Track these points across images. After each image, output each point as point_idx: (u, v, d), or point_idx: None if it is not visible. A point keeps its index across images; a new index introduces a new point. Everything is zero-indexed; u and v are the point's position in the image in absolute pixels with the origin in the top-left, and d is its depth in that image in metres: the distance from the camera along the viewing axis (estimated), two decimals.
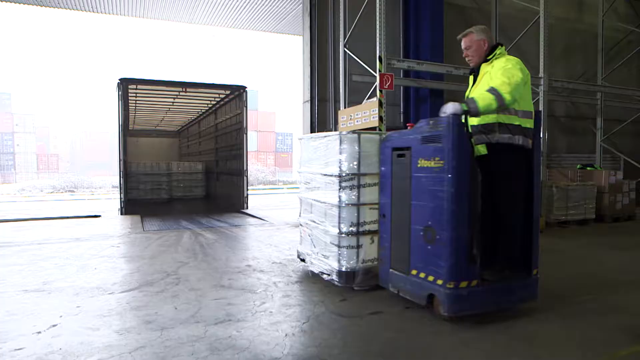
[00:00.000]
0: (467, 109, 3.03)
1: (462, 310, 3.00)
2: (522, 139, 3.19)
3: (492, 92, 3.05)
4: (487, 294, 3.08)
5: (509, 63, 3.22)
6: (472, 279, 3.00)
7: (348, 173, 3.76)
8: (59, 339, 2.79)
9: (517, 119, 3.19)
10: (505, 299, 3.19)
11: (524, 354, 2.62)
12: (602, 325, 3.06)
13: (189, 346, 2.68)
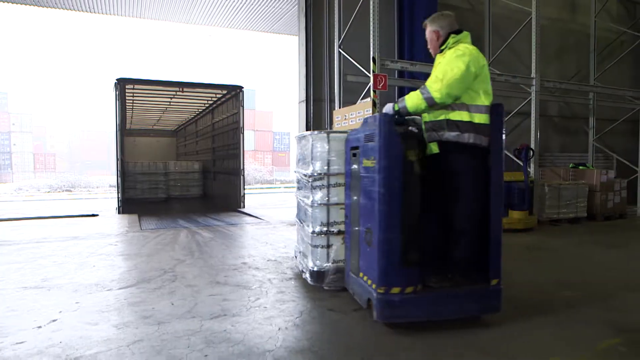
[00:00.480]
0: (397, 109, 3.00)
1: (392, 317, 2.88)
2: (472, 137, 2.94)
3: (422, 91, 2.95)
4: (426, 303, 2.89)
5: (453, 54, 2.97)
6: (406, 284, 2.83)
7: (319, 173, 3.74)
8: (59, 333, 2.88)
9: (467, 115, 2.95)
10: (452, 310, 2.93)
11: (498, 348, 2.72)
12: (585, 319, 3.16)
13: (185, 340, 2.77)
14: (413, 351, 2.63)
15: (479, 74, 2.96)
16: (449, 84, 2.87)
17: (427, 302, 2.90)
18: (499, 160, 2.96)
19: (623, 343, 2.73)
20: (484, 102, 2.97)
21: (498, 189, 2.96)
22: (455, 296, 2.93)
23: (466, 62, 2.90)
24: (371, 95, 6.10)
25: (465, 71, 2.88)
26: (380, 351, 2.64)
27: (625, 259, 5.30)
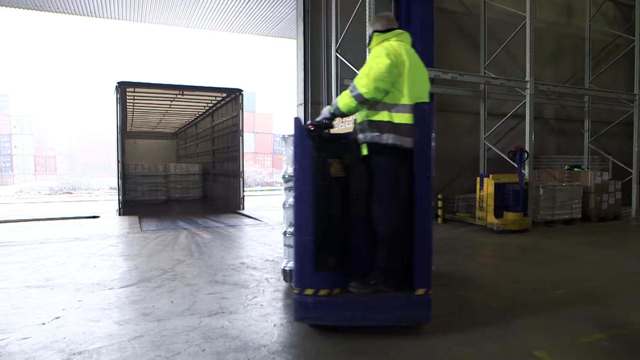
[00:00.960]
0: (332, 112, 2.99)
1: (305, 318, 2.89)
2: (392, 138, 2.85)
3: (351, 89, 2.89)
4: (342, 307, 2.84)
5: (377, 51, 2.91)
6: (320, 287, 2.83)
7: (290, 174, 3.69)
8: (63, 329, 2.98)
9: (387, 115, 2.87)
10: (370, 316, 2.84)
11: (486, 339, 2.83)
12: (571, 315, 3.27)
13: (184, 335, 2.88)
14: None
15: (402, 71, 2.87)
16: (375, 78, 2.81)
17: (343, 307, 2.85)
18: (424, 162, 2.80)
19: (606, 338, 2.83)
20: (407, 101, 2.86)
21: (423, 193, 2.80)
22: (376, 303, 2.84)
23: (389, 57, 2.84)
24: None
25: (390, 64, 2.81)
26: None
27: (616, 259, 5.40)
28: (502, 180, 7.44)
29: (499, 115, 9.16)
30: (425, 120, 2.80)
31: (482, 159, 9.27)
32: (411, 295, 2.83)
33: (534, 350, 2.64)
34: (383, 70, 2.80)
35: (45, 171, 53.08)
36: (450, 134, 9.34)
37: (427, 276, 2.82)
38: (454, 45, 9.38)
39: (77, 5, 10.28)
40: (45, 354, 2.58)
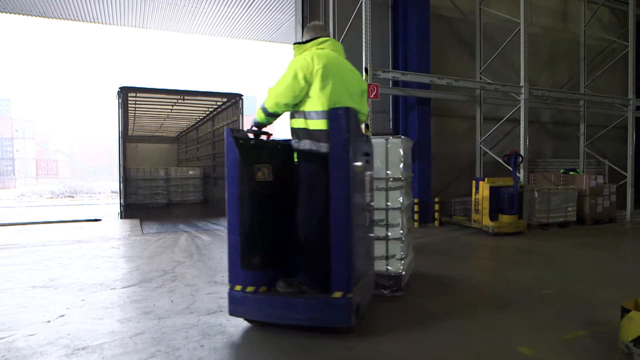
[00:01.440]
0: (255, 121, 3.17)
1: (235, 312, 3.06)
2: (308, 143, 2.96)
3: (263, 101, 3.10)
4: (267, 304, 2.97)
5: (288, 66, 3.02)
6: (247, 284, 2.99)
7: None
8: (67, 326, 3.11)
9: (302, 122, 2.99)
10: (290, 315, 2.91)
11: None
12: (557, 314, 3.39)
13: (183, 332, 3.00)
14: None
15: (311, 81, 2.94)
16: (277, 94, 2.98)
17: (267, 304, 2.96)
18: (339, 167, 2.80)
19: (588, 335, 2.94)
20: (322, 107, 2.93)
21: (338, 198, 2.80)
22: (295, 303, 2.91)
23: (294, 71, 2.93)
24: None
25: (291, 81, 2.92)
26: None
27: (608, 261, 5.51)
28: (497, 183, 7.56)
29: (495, 119, 9.30)
30: (339, 125, 2.79)
31: (478, 162, 9.40)
32: (328, 298, 2.83)
33: (517, 346, 2.76)
34: (283, 87, 2.96)
35: (46, 175, 53.33)
36: (447, 138, 9.48)
37: (345, 279, 2.79)
38: (451, 50, 9.53)
39: (80, 12, 10.46)
40: (51, 349, 2.71)
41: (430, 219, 8.54)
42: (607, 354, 2.62)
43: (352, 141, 2.80)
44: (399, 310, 3.48)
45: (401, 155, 3.92)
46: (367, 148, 3.28)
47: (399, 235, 3.91)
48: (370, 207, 3.40)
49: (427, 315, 3.36)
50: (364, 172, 3.16)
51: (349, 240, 2.80)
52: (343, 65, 3.15)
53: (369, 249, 3.39)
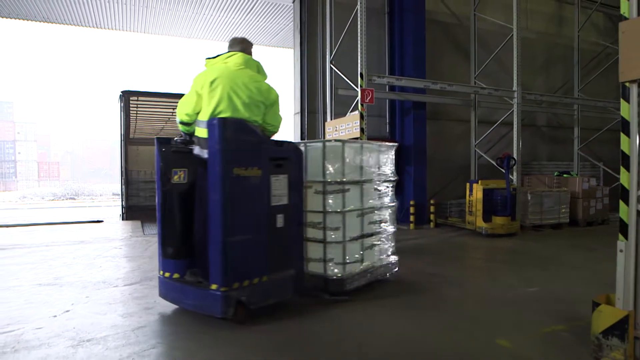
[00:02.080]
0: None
1: (161, 294, 3.58)
2: (197, 149, 3.37)
3: None
4: (176, 290, 3.42)
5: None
6: (165, 270, 3.53)
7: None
8: (72, 321, 3.28)
9: (196, 130, 3.42)
10: (183, 301, 3.38)
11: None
12: (538, 309, 3.55)
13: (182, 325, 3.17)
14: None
15: (201, 93, 3.32)
16: (180, 105, 3.44)
17: (174, 290, 3.45)
18: (213, 171, 3.10)
19: (566, 329, 3.11)
20: (203, 118, 3.30)
21: (213, 199, 3.10)
22: (186, 291, 3.34)
23: (192, 84, 3.39)
24: (359, 108, 6.52)
25: (188, 94, 3.39)
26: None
27: (595, 261, 5.66)
28: (491, 186, 7.73)
29: (491, 122, 9.47)
30: (213, 134, 3.09)
31: (473, 165, 9.56)
32: (207, 289, 3.14)
33: (497, 339, 2.93)
34: (183, 100, 3.43)
35: (48, 177, 53.56)
36: (444, 141, 9.65)
37: (220, 274, 3.06)
38: (447, 55, 9.71)
39: (84, 17, 10.67)
40: (58, 341, 2.88)
41: (426, 220, 8.70)
42: (580, 346, 2.79)
43: (230, 148, 3.09)
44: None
45: (343, 159, 3.90)
46: (280, 153, 3.48)
47: (339, 239, 3.88)
48: (288, 209, 3.50)
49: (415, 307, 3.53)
50: (267, 176, 3.33)
51: (223, 240, 3.06)
52: (237, 79, 3.35)
53: (280, 250, 3.44)
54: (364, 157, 4.17)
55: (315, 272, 3.94)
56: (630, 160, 2.61)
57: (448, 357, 2.68)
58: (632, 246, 2.64)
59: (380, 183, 4.38)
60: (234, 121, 3.22)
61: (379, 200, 4.36)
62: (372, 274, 4.21)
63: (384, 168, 4.45)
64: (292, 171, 3.55)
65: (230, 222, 3.09)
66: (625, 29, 2.51)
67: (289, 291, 3.56)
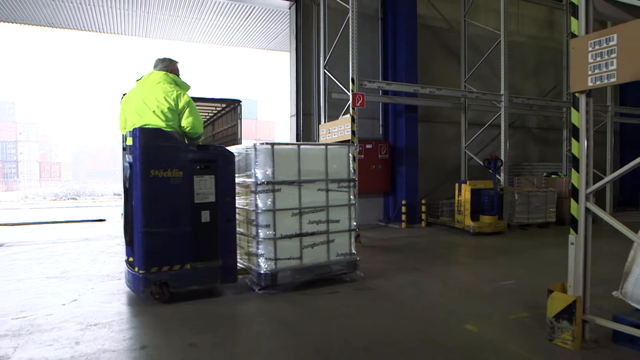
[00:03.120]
0: None
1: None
2: (126, 156, 3.98)
3: None
4: (126, 272, 4.06)
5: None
6: (127, 256, 4.11)
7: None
8: (80, 308, 3.59)
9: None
10: (127, 282, 4.03)
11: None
12: (508, 299, 3.85)
13: (180, 313, 3.48)
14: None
15: (125, 109, 4.06)
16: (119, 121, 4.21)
17: (126, 271, 4.06)
18: (135, 173, 3.66)
19: (529, 316, 3.41)
20: (130, 129, 3.91)
21: (135, 196, 3.68)
22: (128, 273, 3.97)
23: (120, 103, 4.24)
24: (350, 111, 6.83)
25: (118, 113, 4.19)
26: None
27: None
28: (479, 186, 8.03)
29: (481, 125, 9.76)
30: (134, 141, 3.65)
31: (463, 166, 9.86)
32: (134, 271, 3.74)
33: (466, 324, 3.23)
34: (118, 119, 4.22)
35: (50, 177, 53.87)
36: (435, 143, 9.95)
37: (141, 259, 3.62)
38: (439, 59, 10.01)
39: (87, 22, 10.99)
40: (68, 325, 3.18)
41: (417, 219, 8.99)
42: (538, 330, 3.09)
43: (146, 153, 3.59)
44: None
45: (272, 161, 4.09)
46: (205, 157, 3.89)
47: (269, 235, 4.09)
48: (215, 206, 3.89)
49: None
50: (190, 177, 3.77)
51: (142, 231, 3.60)
52: (150, 93, 3.89)
53: (207, 242, 3.85)
54: (303, 159, 4.29)
55: (247, 265, 4.31)
56: (580, 162, 2.90)
57: (418, 341, 2.98)
58: (581, 239, 2.95)
59: (330, 183, 4.45)
60: (150, 130, 3.75)
61: (326, 200, 4.43)
62: (321, 271, 4.37)
63: (335, 168, 4.49)
64: (221, 173, 3.94)
65: (147, 216, 3.61)
66: (575, 46, 2.81)
67: (216, 280, 3.92)
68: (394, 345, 2.85)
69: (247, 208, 4.27)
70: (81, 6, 9.95)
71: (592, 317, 2.84)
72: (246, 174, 4.28)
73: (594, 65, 2.71)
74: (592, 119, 2.90)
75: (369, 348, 2.80)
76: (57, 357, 2.64)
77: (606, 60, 2.63)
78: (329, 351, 2.75)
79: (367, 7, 9.28)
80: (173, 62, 4.22)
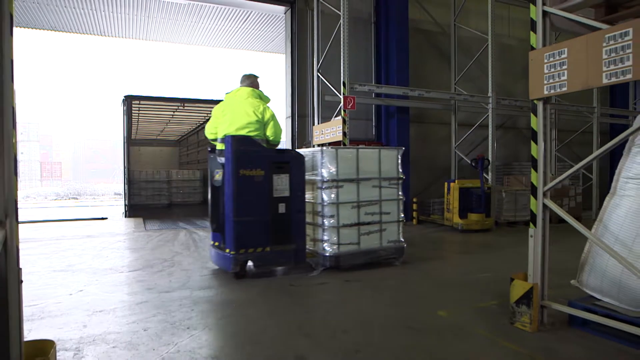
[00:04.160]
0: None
1: (211, 258, 5.06)
2: (219, 158, 4.68)
3: None
4: (214, 254, 4.88)
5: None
6: (214, 240, 4.89)
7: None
8: (86, 297, 3.90)
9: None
10: (217, 262, 4.85)
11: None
12: (480, 289, 4.16)
13: (178, 302, 3.79)
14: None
15: (217, 119, 4.87)
16: (206, 127, 5.08)
17: (215, 254, 4.89)
18: (227, 172, 4.46)
19: (497, 304, 3.72)
20: (221, 136, 4.75)
21: (227, 191, 4.47)
22: (216, 254, 4.83)
23: (212, 113, 5.03)
24: (342, 114, 7.14)
25: (211, 119, 5.00)
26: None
27: (551, 252, 6.26)
28: (467, 185, 8.34)
29: (472, 125, 10.07)
30: (226, 147, 4.45)
31: (453, 166, 10.17)
32: (225, 252, 4.53)
33: (438, 311, 3.54)
34: (207, 125, 5.07)
35: (50, 177, 54.19)
36: (428, 143, 10.26)
37: (231, 242, 4.41)
38: (431, 62, 10.32)
39: (88, 26, 11.31)
40: (76, 312, 3.50)
41: (409, 217, 9.30)
42: (503, 315, 3.40)
43: (236, 156, 4.36)
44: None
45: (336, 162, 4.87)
46: (281, 159, 4.70)
47: (333, 224, 4.85)
48: (289, 200, 4.66)
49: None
50: (270, 175, 4.55)
51: (233, 220, 4.38)
52: (240, 107, 4.71)
53: (282, 230, 4.63)
54: (361, 160, 5.03)
55: (313, 250, 5.09)
56: (538, 162, 3.21)
57: (393, 324, 3.29)
58: (539, 232, 3.26)
59: (382, 180, 5.18)
60: (240, 137, 4.51)
61: (379, 195, 5.18)
62: (374, 255, 5.12)
63: (386, 168, 5.22)
64: (294, 172, 4.71)
65: (237, 207, 4.38)
66: (533, 57, 3.12)
67: (290, 261, 4.72)
68: (368, 325, 3.16)
69: (313, 201, 5.08)
70: (83, 11, 10.27)
71: (549, 302, 3.15)
72: (313, 172, 5.09)
73: (549, 75, 3.01)
74: (549, 123, 3.21)
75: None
76: (68, 337, 2.95)
77: (559, 71, 2.94)
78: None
79: (361, 11, 9.59)
80: (256, 78, 5.04)
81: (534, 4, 3.12)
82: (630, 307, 2.91)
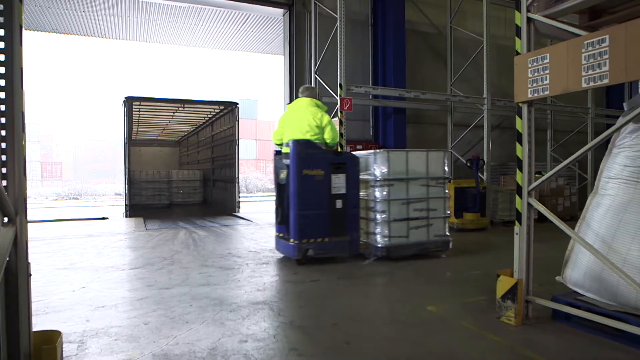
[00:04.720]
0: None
1: (276, 247, 5.78)
2: (285, 160, 5.27)
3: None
4: (279, 243, 5.61)
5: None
6: (279, 232, 5.58)
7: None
8: (88, 294, 4.04)
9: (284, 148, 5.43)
10: (282, 250, 5.54)
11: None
12: (470, 285, 4.29)
13: (177, 298, 3.92)
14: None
15: (282, 126, 5.54)
16: (273, 133, 5.77)
17: (279, 243, 5.64)
18: (292, 172, 5.08)
19: (486, 299, 3.85)
20: (286, 140, 5.35)
21: (291, 189, 5.09)
22: (282, 243, 5.48)
23: (278, 121, 5.73)
24: (338, 115, 7.27)
25: (277, 127, 5.68)
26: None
27: (542, 250, 6.37)
28: (462, 185, 8.46)
29: (468, 126, 10.20)
30: (291, 150, 5.07)
31: (450, 166, 10.29)
32: (289, 242, 5.16)
33: (428, 306, 3.67)
34: (273, 132, 5.76)
35: (51, 177, 54.30)
36: (425, 143, 10.37)
37: (295, 233, 5.05)
38: (427, 63, 10.45)
39: (89, 28, 11.45)
40: (79, 307, 3.63)
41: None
42: (490, 310, 3.53)
43: (300, 157, 5.02)
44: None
45: (387, 163, 5.40)
46: (339, 160, 5.31)
47: (385, 219, 5.39)
48: (345, 196, 5.26)
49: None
50: (329, 174, 5.16)
51: (296, 213, 5.03)
52: (302, 115, 5.34)
53: (339, 223, 5.23)
54: (410, 161, 5.52)
55: (366, 242, 5.63)
56: (523, 163, 3.35)
57: (383, 318, 3.42)
58: (524, 230, 3.39)
59: (429, 180, 5.62)
60: (302, 141, 5.15)
61: (427, 193, 5.63)
62: (421, 247, 5.64)
63: (433, 168, 5.64)
64: (350, 171, 5.29)
65: (300, 202, 5.03)
66: (518, 62, 3.25)
67: (345, 251, 5.34)
68: (360, 319, 3.29)
69: (367, 198, 5.59)
70: (85, 14, 10.41)
71: (533, 297, 3.28)
72: (367, 172, 5.59)
73: (532, 79, 3.14)
74: (533, 125, 3.34)
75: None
76: (72, 331, 3.08)
77: (542, 75, 3.07)
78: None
79: (358, 13, 9.72)
80: (313, 89, 5.74)
81: (519, 11, 3.26)
82: (610, 301, 3.04)
